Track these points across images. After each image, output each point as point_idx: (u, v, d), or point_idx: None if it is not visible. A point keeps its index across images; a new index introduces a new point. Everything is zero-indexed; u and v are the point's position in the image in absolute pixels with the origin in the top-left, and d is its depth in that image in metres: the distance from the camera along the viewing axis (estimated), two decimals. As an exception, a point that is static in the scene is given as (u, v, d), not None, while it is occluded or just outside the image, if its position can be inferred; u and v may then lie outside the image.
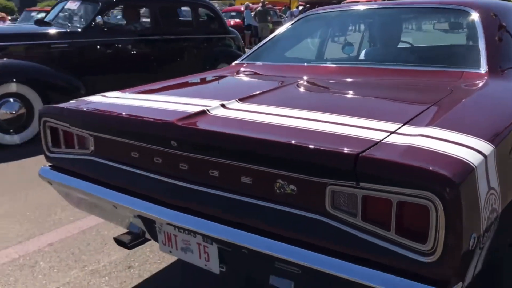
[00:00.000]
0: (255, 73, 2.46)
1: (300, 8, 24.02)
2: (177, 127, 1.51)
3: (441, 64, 2.15)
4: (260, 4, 17.05)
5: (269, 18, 16.21)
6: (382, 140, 1.25)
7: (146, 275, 2.27)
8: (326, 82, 2.16)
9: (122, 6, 6.12)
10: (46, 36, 5.10)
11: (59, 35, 5.15)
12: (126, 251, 2.43)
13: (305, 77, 2.18)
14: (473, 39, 2.19)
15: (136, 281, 2.23)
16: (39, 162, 2.13)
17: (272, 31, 19.85)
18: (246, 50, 16.89)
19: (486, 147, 1.22)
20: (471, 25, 2.24)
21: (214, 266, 1.58)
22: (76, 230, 2.78)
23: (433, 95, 1.75)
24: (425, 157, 1.12)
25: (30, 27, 5.94)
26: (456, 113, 1.48)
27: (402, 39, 2.72)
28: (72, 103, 2.04)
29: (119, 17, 6.71)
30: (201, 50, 6.39)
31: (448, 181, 1.04)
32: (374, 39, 2.84)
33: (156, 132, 1.57)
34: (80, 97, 2.17)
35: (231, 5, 30.33)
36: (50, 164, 2.07)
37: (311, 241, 1.28)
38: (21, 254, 2.51)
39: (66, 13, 5.67)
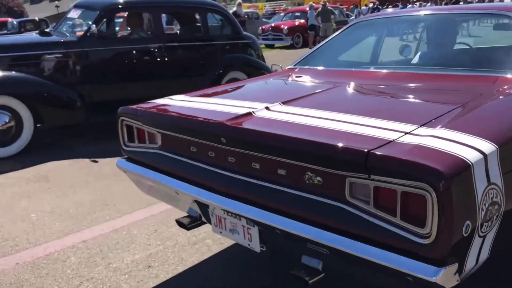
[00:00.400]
0: (304, 77, 2.70)
1: (371, 5, 23.52)
2: (226, 126, 1.80)
3: (478, 68, 2.26)
4: (321, 4, 16.80)
5: (332, 17, 16.31)
6: (396, 139, 1.45)
7: (163, 276, 2.44)
8: (363, 86, 2.35)
9: (122, 13, 5.92)
10: (41, 46, 4.99)
11: (54, 45, 5.03)
12: (150, 251, 2.67)
13: (347, 82, 2.39)
14: (509, 44, 2.27)
15: (153, 281, 2.39)
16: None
17: (336, 30, 19.41)
18: (310, 50, 16.68)
19: (488, 146, 1.38)
20: (507, 31, 2.31)
21: (256, 245, 1.85)
22: (110, 229, 2.99)
23: (461, 98, 1.89)
24: (426, 154, 1.31)
25: (28, 37, 5.88)
26: (473, 116, 1.64)
27: (436, 43, 2.82)
28: (143, 105, 2.41)
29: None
30: (210, 58, 5.98)
31: (440, 174, 1.23)
32: (420, 45, 2.96)
33: (209, 130, 1.88)
34: (77, 109, 2.36)
35: (299, 5, 30.41)
36: (125, 156, 2.46)
37: (334, 225, 1.51)
38: (57, 249, 2.76)
39: (70, 22, 5.60)
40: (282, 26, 18.37)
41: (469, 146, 1.37)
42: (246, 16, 16.10)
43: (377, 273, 1.47)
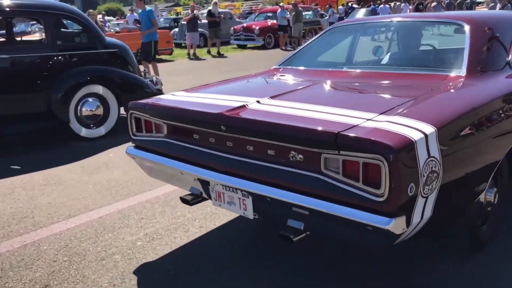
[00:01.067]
0: (287, 76, 3.12)
1: (349, 5, 23.93)
2: (225, 116, 2.20)
3: (432, 68, 2.72)
4: (291, 4, 17.10)
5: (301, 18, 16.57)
6: (359, 124, 1.87)
7: (179, 241, 2.88)
8: (337, 83, 2.79)
9: None
10: None
11: None
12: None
13: (324, 80, 2.82)
14: (461, 48, 2.72)
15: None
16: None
17: (309, 31, 18.84)
18: (281, 50, 15.83)
19: (428, 128, 1.81)
20: (461, 36, 2.77)
21: (250, 213, 2.26)
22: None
23: (415, 92, 2.34)
24: (380, 134, 1.74)
25: None
26: (421, 106, 2.08)
27: (401, 46, 3.28)
28: (150, 100, 2.79)
29: None
30: (56, 70, 5.18)
31: (390, 149, 1.66)
32: (386, 48, 3.41)
33: (211, 120, 2.28)
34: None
35: (277, 4, 30.82)
36: (134, 144, 2.84)
37: (312, 191, 1.93)
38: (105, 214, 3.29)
39: None
40: (253, 27, 18.27)
41: (414, 128, 1.80)
42: (220, 16, 16.24)
43: (346, 227, 1.89)
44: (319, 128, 1.88)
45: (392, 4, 22.32)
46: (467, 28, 2.80)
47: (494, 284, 2.32)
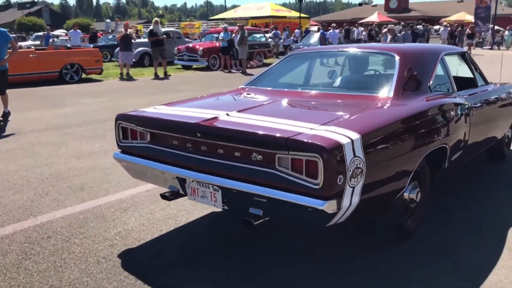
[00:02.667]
0: (252, 94, 3.72)
1: (315, 28, 24.96)
2: (201, 125, 2.76)
3: (365, 90, 3.39)
4: (237, 27, 16.84)
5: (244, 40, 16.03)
6: (304, 132, 2.46)
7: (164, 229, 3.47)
8: (292, 101, 3.40)
9: None
10: None
11: None
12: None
13: (282, 98, 3.43)
14: (391, 74, 3.39)
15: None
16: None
17: (258, 53, 17.70)
18: (223, 72, 16.09)
19: (354, 135, 2.43)
20: (392, 65, 3.45)
21: (219, 205, 2.80)
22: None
23: (351, 109, 2.96)
24: (318, 139, 2.33)
25: None
26: (352, 119, 2.70)
27: (344, 72, 3.97)
28: (136, 112, 3.30)
29: None
30: None
31: (324, 149, 2.25)
32: (333, 73, 4.08)
33: (188, 128, 2.82)
34: None
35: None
36: (120, 150, 3.33)
37: (269, 183, 2.49)
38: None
39: None
40: (197, 47, 17.73)
41: (344, 135, 2.41)
42: (164, 35, 15.52)
43: (294, 210, 2.46)
44: (274, 134, 2.47)
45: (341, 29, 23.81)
46: (397, 58, 3.48)
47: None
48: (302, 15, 36.03)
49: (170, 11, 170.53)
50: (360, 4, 65.55)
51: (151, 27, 15.45)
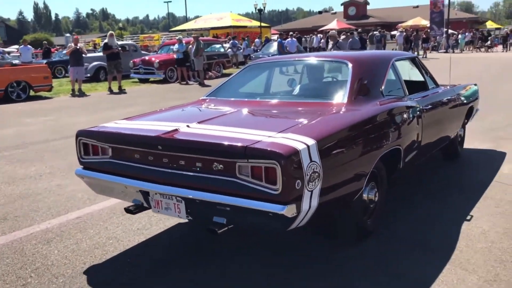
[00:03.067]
0: (212, 105, 3.79)
1: (275, 37, 25.20)
2: (161, 138, 2.80)
3: (321, 97, 3.53)
4: (193, 37, 16.59)
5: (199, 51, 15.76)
6: (262, 140, 2.55)
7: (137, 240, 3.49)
8: (251, 110, 3.49)
9: None
10: None
11: None
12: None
13: (241, 108, 3.51)
14: (345, 81, 3.54)
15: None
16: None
17: (216, 64, 17.28)
18: (180, 84, 15.76)
19: (310, 141, 2.53)
20: (345, 72, 3.60)
21: (183, 215, 2.84)
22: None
23: (307, 116, 3.08)
24: (276, 146, 2.42)
25: None
26: (308, 126, 2.82)
27: (301, 80, 4.11)
28: (96, 128, 3.31)
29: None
30: None
31: (281, 156, 2.34)
32: (289, 81, 4.21)
33: (150, 141, 2.86)
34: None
35: (202, 36, 31.67)
36: (82, 166, 3.33)
37: (231, 192, 2.56)
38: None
39: None
40: (153, 60, 17.33)
41: (299, 141, 2.51)
42: (119, 49, 14.97)
43: (256, 216, 2.54)
44: (233, 144, 2.54)
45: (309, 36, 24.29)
46: (349, 65, 3.64)
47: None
48: (263, 24, 36.54)
49: (132, 24, 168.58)
50: (320, 12, 66.89)
51: (105, 40, 15.02)
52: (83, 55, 14.38)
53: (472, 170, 5.07)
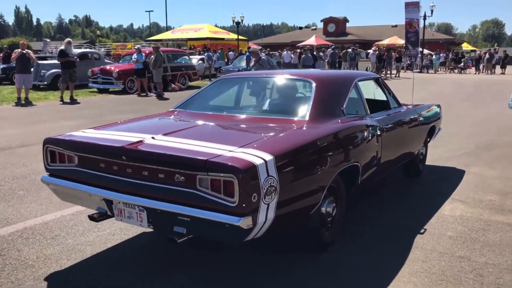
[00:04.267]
0: (180, 117, 3.90)
1: (247, 51, 24.76)
2: (125, 149, 2.89)
3: (285, 114, 3.68)
4: (152, 48, 16.06)
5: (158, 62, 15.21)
6: (222, 154, 2.67)
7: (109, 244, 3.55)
8: (216, 124, 3.61)
9: None
10: None
11: None
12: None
13: (207, 121, 3.63)
14: (308, 99, 3.70)
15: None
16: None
17: (182, 76, 16.62)
18: (138, 96, 15.25)
19: (268, 156, 2.66)
20: (309, 91, 3.76)
21: (145, 224, 2.93)
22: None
23: (269, 132, 3.22)
24: (234, 161, 2.55)
25: None
26: (268, 141, 2.95)
27: (267, 97, 4.26)
28: (63, 136, 3.37)
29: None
30: None
31: (238, 170, 2.47)
32: (251, 96, 4.38)
33: (114, 151, 2.95)
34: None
35: (178, 46, 31.15)
36: (48, 173, 3.38)
37: (191, 203, 2.66)
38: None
39: None
40: (112, 69, 16.60)
41: (258, 156, 2.64)
42: (75, 57, 14.29)
43: (213, 227, 2.64)
44: (195, 157, 2.65)
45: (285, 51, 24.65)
46: (313, 84, 3.81)
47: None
48: (241, 37, 36.71)
49: (115, 32, 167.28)
50: (300, 28, 67.84)
51: (61, 47, 14.09)
52: (31, 61, 13.68)
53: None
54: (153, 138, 3.07)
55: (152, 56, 15.38)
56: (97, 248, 3.55)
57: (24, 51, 13.21)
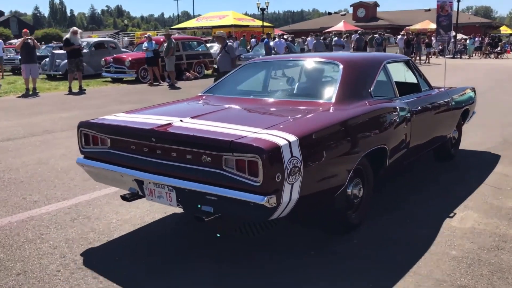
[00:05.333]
0: (208, 101, 3.98)
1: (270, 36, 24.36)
2: (155, 131, 2.99)
3: (311, 97, 3.69)
4: (164, 36, 15.52)
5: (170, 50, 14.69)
6: (247, 135, 2.73)
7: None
8: (243, 107, 3.67)
9: None
10: None
11: None
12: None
13: (234, 105, 3.69)
14: (335, 82, 3.70)
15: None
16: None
17: (198, 64, 15.64)
18: (148, 85, 14.85)
19: (292, 137, 2.70)
20: (336, 73, 3.76)
21: (174, 203, 3.03)
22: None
23: (295, 114, 3.25)
24: (259, 142, 2.60)
25: None
26: (293, 123, 2.99)
27: (294, 80, 4.28)
28: (97, 120, 3.51)
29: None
30: None
31: (263, 151, 2.52)
32: (278, 80, 4.40)
33: (144, 134, 3.05)
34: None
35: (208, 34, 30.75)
36: (83, 155, 3.53)
37: (217, 182, 2.74)
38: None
39: None
40: (124, 58, 16.27)
41: (282, 137, 2.68)
42: (81, 46, 14.08)
43: (239, 206, 2.71)
44: (220, 138, 2.73)
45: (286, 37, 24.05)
46: (340, 66, 3.80)
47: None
48: (266, 24, 36.12)
49: (147, 21, 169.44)
50: (329, 14, 66.85)
51: (67, 36, 13.76)
52: (36, 49, 13.53)
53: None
54: (181, 120, 3.15)
55: (165, 44, 15.00)
56: (131, 227, 3.70)
57: (29, 39, 13.05)
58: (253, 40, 27.55)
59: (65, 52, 13.97)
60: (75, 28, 14.23)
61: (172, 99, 5.22)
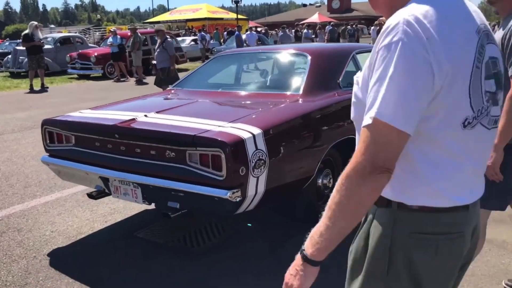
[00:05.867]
0: (176, 95, 3.93)
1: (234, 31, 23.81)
2: (118, 127, 2.93)
3: (279, 89, 3.68)
4: (129, 30, 15.02)
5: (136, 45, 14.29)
6: (211, 129, 2.70)
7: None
8: (209, 101, 3.64)
9: None
10: None
11: None
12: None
13: (200, 98, 3.66)
14: (303, 73, 3.69)
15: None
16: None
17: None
18: (114, 81, 14.16)
19: (256, 130, 2.68)
20: (304, 64, 3.75)
21: (140, 200, 2.99)
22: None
23: (260, 107, 3.23)
24: (222, 135, 2.57)
25: None
26: (258, 116, 2.97)
27: (263, 72, 4.26)
28: (60, 116, 3.43)
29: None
30: None
31: (225, 144, 2.50)
32: (247, 72, 4.37)
33: (107, 130, 2.99)
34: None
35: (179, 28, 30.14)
36: (48, 154, 3.45)
37: (182, 178, 2.71)
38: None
39: None
40: (90, 53, 15.65)
41: (246, 131, 2.66)
42: (42, 41, 13.27)
43: (204, 201, 2.69)
44: (183, 133, 2.69)
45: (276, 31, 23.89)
46: (308, 58, 3.79)
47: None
48: (240, 16, 35.77)
49: (122, 15, 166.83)
50: (304, 5, 66.86)
51: (26, 31, 12.82)
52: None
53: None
54: (145, 116, 3.11)
55: (132, 39, 14.51)
56: (64, 240, 3.41)
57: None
58: (225, 33, 27.33)
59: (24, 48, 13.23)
60: (34, 22, 13.38)
61: (135, 95, 5.04)
